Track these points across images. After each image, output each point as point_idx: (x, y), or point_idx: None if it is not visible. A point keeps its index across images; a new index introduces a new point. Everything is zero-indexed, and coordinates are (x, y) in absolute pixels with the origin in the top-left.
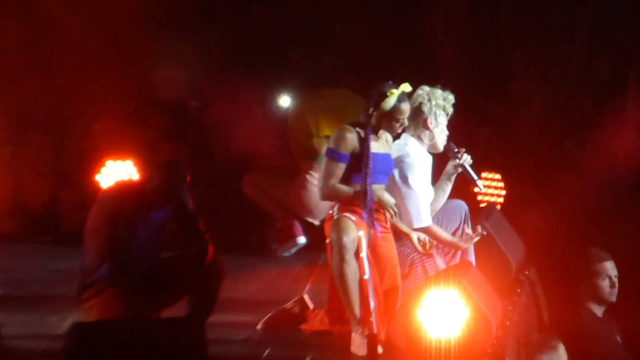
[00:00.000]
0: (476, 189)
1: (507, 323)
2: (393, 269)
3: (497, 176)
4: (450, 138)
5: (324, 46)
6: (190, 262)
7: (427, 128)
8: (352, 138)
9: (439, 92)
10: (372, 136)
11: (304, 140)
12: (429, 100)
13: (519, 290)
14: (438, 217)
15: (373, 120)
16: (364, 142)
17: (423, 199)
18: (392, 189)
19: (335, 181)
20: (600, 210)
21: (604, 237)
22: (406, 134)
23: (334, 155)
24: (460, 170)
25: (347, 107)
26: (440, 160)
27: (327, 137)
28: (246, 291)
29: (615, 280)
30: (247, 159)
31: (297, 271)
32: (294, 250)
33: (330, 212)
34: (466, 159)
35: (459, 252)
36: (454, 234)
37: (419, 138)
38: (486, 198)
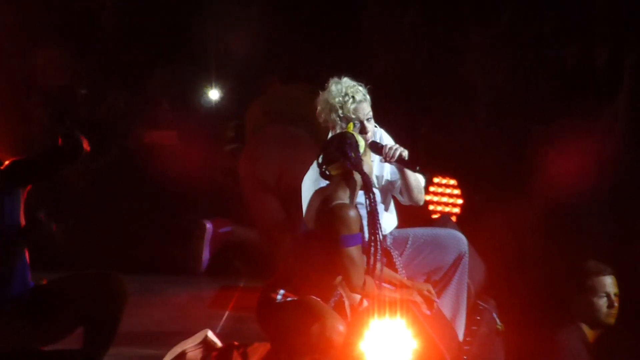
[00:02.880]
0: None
1: (465, 357)
2: None
3: (453, 182)
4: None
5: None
6: (86, 283)
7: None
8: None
9: (324, 96)
10: None
11: None
12: (322, 108)
13: (478, 318)
14: (432, 246)
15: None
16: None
17: None
18: None
19: None
20: (572, 220)
21: (577, 249)
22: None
23: (355, 240)
24: (395, 164)
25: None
26: None
27: None
28: (152, 319)
29: (615, 299)
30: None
31: (214, 295)
32: None
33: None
34: (393, 154)
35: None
36: (443, 271)
37: None
38: (439, 208)
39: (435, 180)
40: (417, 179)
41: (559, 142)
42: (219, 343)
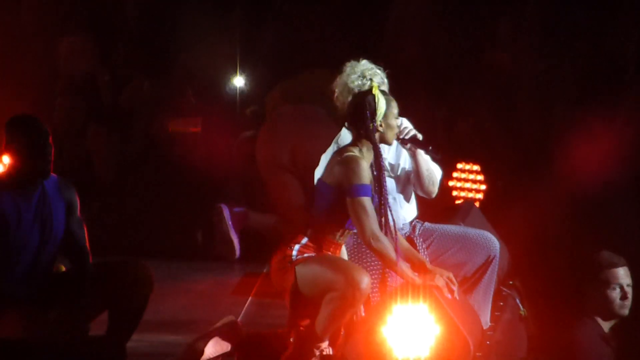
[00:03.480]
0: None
1: (488, 343)
2: None
3: (476, 168)
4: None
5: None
6: (112, 270)
7: None
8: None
9: (352, 76)
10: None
11: None
12: (342, 91)
13: (501, 304)
14: (455, 243)
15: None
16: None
17: None
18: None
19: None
20: (597, 207)
21: (601, 238)
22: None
23: (366, 190)
24: (408, 146)
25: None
26: None
27: None
28: (175, 306)
29: (628, 290)
30: (175, 146)
31: (237, 282)
32: None
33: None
34: (406, 132)
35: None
36: (468, 275)
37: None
38: (463, 194)
39: (459, 166)
40: (429, 169)
41: (584, 128)
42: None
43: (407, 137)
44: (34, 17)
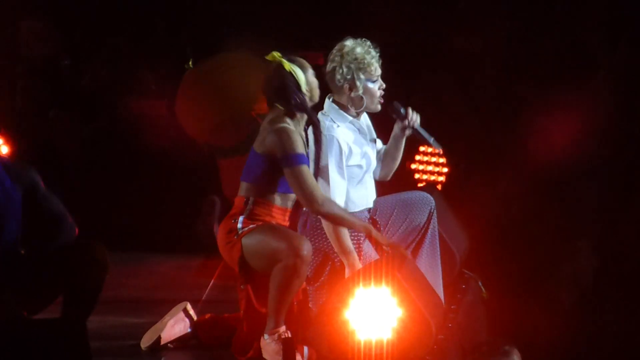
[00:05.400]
0: (436, 149)
1: (450, 325)
2: None
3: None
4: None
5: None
6: (66, 251)
7: (349, 95)
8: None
9: (349, 47)
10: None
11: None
12: (340, 63)
13: (463, 286)
14: (399, 208)
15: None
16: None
17: (341, 183)
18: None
19: None
20: (559, 189)
21: (565, 224)
22: (328, 98)
23: (303, 159)
24: (409, 132)
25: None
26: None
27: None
28: (137, 288)
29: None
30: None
31: (199, 264)
32: None
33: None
34: (415, 119)
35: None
36: (417, 231)
37: (341, 105)
38: (425, 177)
39: (421, 148)
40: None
41: (548, 111)
42: (194, 316)
43: (414, 126)
44: None
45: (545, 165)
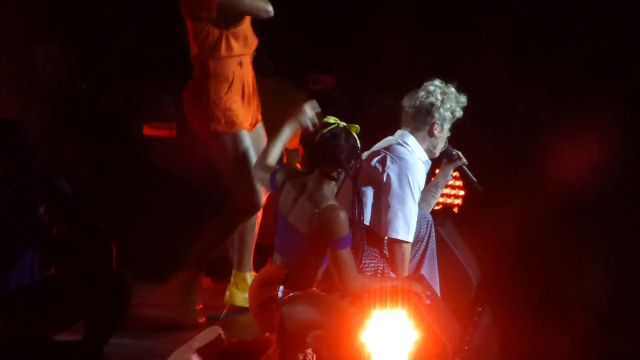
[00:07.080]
0: (479, 190)
1: (466, 348)
2: None
3: (455, 173)
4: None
5: None
6: (91, 277)
7: (432, 134)
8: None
9: (454, 93)
10: None
11: None
12: (442, 102)
13: (480, 309)
14: None
15: None
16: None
17: (414, 210)
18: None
19: None
20: (579, 212)
21: (580, 247)
22: (403, 130)
23: (349, 242)
24: (454, 174)
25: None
26: None
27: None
28: (155, 311)
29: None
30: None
31: (216, 287)
32: None
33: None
34: (465, 162)
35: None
36: (417, 244)
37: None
38: (441, 199)
39: (437, 171)
40: None
41: (566, 136)
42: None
43: (465, 165)
44: (11, 23)
45: (561, 189)
